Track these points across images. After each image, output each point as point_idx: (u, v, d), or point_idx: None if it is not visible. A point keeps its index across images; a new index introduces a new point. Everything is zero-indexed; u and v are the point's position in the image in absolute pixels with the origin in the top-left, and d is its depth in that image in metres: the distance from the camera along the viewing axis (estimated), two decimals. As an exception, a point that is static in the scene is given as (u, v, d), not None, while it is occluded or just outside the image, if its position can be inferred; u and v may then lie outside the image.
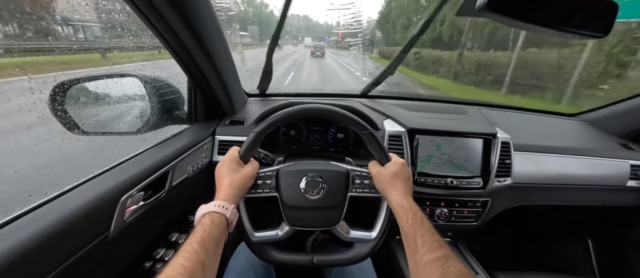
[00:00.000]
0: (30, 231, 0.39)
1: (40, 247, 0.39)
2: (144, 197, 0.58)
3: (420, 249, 0.46)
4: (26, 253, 0.37)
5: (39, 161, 0.73)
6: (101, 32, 2.13)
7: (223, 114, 0.96)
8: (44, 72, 0.87)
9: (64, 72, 0.77)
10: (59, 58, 1.32)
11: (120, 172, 0.58)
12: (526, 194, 0.97)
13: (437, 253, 0.44)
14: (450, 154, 0.88)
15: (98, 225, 0.48)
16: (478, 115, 1.01)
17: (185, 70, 0.73)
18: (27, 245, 0.38)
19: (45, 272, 0.39)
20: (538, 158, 0.96)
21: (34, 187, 0.53)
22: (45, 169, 0.70)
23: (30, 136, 0.74)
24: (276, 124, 0.61)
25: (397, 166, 0.59)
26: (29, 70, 0.89)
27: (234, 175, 0.56)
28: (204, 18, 0.59)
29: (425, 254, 0.45)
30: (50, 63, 1.20)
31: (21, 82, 0.72)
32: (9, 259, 0.35)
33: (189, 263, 0.39)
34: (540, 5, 0.50)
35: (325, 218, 0.63)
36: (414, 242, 0.47)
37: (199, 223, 0.47)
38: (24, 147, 0.78)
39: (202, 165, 0.83)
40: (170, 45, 0.61)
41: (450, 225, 0.92)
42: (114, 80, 0.77)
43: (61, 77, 0.66)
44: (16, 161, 0.74)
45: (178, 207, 0.74)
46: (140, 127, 0.78)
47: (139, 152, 0.67)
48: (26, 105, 0.64)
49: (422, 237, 0.47)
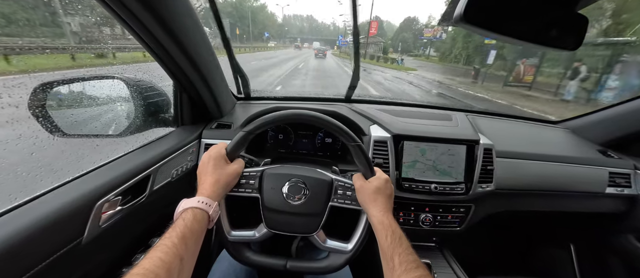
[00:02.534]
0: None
1: (5, 253, 0.38)
2: (121, 201, 0.57)
3: (397, 268, 0.46)
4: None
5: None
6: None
7: (210, 117, 0.95)
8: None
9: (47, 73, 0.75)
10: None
11: (97, 176, 0.56)
12: (508, 200, 0.99)
13: (413, 273, 0.45)
14: (434, 160, 0.89)
15: (70, 231, 0.47)
16: (463, 121, 1.03)
17: (170, 74, 0.72)
18: None
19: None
20: (520, 164, 0.98)
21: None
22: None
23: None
24: (266, 125, 0.61)
25: (380, 182, 0.60)
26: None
27: (219, 173, 0.56)
28: (185, 22, 0.59)
29: (401, 274, 0.45)
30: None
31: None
32: None
33: (168, 257, 0.38)
34: (514, 18, 0.51)
35: (304, 225, 0.63)
36: (392, 260, 0.48)
37: (180, 218, 0.46)
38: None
39: (186, 169, 0.82)
40: (151, 49, 0.60)
41: (435, 230, 0.93)
42: (95, 82, 0.76)
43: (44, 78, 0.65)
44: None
45: (159, 211, 0.73)
46: (123, 130, 0.77)
47: (118, 155, 0.66)
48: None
49: (399, 256, 0.48)
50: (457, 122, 1.01)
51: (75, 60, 2.02)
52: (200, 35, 0.66)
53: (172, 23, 0.55)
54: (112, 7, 0.47)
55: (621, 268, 1.09)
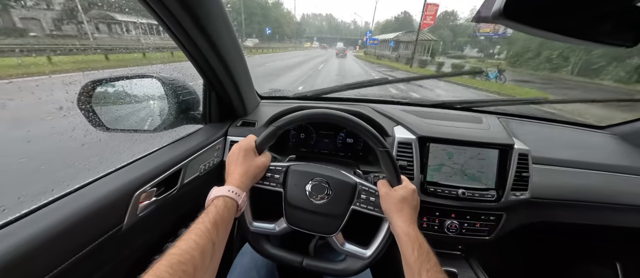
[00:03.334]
0: (49, 221, 0.42)
1: (57, 236, 0.42)
2: (156, 192, 0.61)
3: None
4: (45, 242, 0.41)
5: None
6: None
7: (235, 115, 0.98)
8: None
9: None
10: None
11: (136, 168, 0.61)
12: (546, 210, 0.91)
13: None
14: (462, 164, 0.85)
15: (112, 217, 0.51)
16: (495, 124, 0.97)
17: (200, 72, 0.76)
18: (46, 235, 0.41)
19: (61, 260, 0.43)
20: (560, 172, 0.90)
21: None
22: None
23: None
24: (296, 122, 0.62)
25: (407, 191, 0.58)
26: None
27: (248, 164, 0.58)
28: (217, 22, 0.61)
29: None
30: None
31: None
32: (26, 249, 0.39)
33: (202, 240, 0.40)
34: (562, 12, 0.47)
35: (324, 225, 0.63)
36: (419, 275, 0.46)
37: (212, 204, 0.48)
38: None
39: (213, 165, 0.86)
40: (185, 47, 0.64)
41: (461, 238, 0.88)
42: (134, 81, 0.82)
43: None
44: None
45: (188, 204, 0.77)
46: (157, 126, 0.82)
47: (154, 149, 0.71)
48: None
49: (427, 272, 0.46)
50: (489, 124, 0.96)
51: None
52: (231, 35, 0.69)
53: (207, 24, 0.57)
54: (153, 8, 0.51)
55: None
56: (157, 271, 0.34)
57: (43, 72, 0.92)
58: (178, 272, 0.35)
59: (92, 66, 1.43)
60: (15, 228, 0.41)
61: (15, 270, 0.37)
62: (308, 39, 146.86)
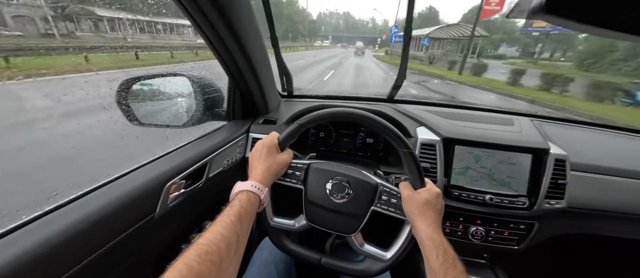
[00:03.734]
0: (93, 206, 0.46)
1: (100, 221, 0.46)
2: (185, 185, 0.65)
3: None
4: (91, 225, 0.44)
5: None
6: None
7: (257, 112, 1.01)
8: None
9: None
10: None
11: (167, 160, 0.65)
12: (584, 222, 0.84)
13: None
14: (491, 168, 0.80)
15: (147, 206, 0.55)
16: (529, 127, 0.91)
17: (227, 70, 0.79)
18: (91, 219, 0.45)
19: (103, 243, 0.46)
20: (602, 181, 0.82)
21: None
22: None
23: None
24: (318, 120, 0.62)
25: (431, 195, 0.56)
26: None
27: (271, 160, 0.59)
28: (245, 23, 0.63)
29: None
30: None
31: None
32: (75, 231, 0.42)
33: (227, 232, 0.42)
34: (615, 6, 0.42)
35: (343, 224, 0.62)
36: None
37: (236, 198, 0.50)
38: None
39: (235, 160, 0.89)
40: (214, 47, 0.66)
41: (487, 246, 0.84)
42: (167, 79, 0.87)
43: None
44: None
45: (212, 197, 0.80)
46: (185, 122, 0.87)
47: (183, 144, 0.75)
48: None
49: None
50: (521, 127, 0.90)
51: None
52: (257, 36, 0.71)
53: (237, 25, 0.60)
54: (188, 10, 0.53)
55: None
56: (187, 259, 0.35)
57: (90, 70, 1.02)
58: (205, 262, 0.36)
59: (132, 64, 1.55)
60: (64, 212, 0.45)
61: (64, 250, 0.41)
62: (323, 37, 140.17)
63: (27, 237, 0.39)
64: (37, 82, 1.41)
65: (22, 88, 1.43)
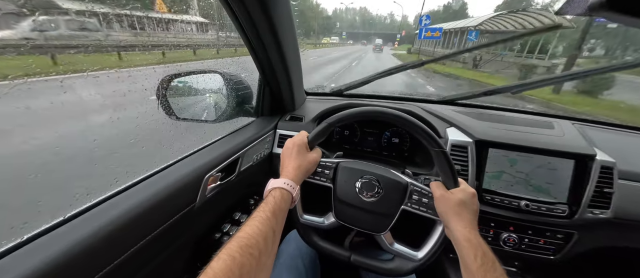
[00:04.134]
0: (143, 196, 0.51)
1: (149, 209, 0.50)
2: (220, 177, 0.68)
3: None
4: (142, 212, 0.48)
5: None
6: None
7: (285, 109, 1.03)
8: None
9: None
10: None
11: (205, 154, 0.68)
12: (632, 234, 0.78)
13: None
14: (528, 173, 0.76)
15: (189, 196, 0.59)
16: (571, 131, 0.85)
17: (259, 66, 0.81)
18: (141, 207, 0.49)
19: (150, 230, 0.50)
20: None
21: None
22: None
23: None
24: (347, 119, 0.63)
25: (466, 195, 0.55)
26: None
27: (301, 159, 0.61)
28: (285, 23, 0.65)
29: None
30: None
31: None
32: (127, 218, 0.46)
33: (264, 227, 0.44)
34: None
35: (373, 223, 0.63)
36: None
37: (270, 195, 0.52)
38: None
39: (264, 155, 0.92)
40: (251, 45, 0.69)
41: (519, 254, 0.80)
42: (203, 76, 0.91)
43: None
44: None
45: (242, 190, 0.83)
46: (217, 117, 0.91)
47: (218, 138, 0.79)
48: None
49: None
50: (562, 131, 0.84)
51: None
52: (293, 34, 0.73)
53: (277, 26, 0.61)
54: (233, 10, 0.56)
55: None
56: (230, 251, 0.38)
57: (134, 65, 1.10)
58: (246, 254, 0.38)
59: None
60: (122, 198, 0.50)
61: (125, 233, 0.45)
62: (336, 33, 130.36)
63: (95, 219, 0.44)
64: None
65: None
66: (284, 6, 0.61)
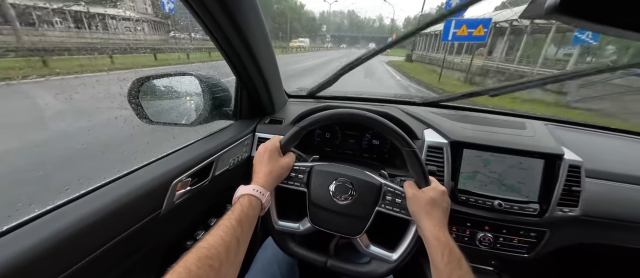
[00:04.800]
0: (100, 203, 0.48)
1: (106, 217, 0.47)
2: (191, 182, 0.66)
3: None
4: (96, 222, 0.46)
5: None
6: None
7: (264, 112, 1.02)
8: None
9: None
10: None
11: (174, 158, 0.66)
12: (600, 231, 0.80)
13: None
14: (500, 173, 0.78)
15: (153, 203, 0.56)
16: (541, 131, 0.88)
17: (234, 70, 0.80)
18: (96, 216, 0.46)
19: (108, 238, 0.48)
20: (622, 189, 0.79)
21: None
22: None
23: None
24: (320, 122, 0.62)
25: (436, 193, 0.55)
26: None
27: (273, 164, 0.60)
28: (252, 24, 0.64)
29: None
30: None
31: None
32: (78, 228, 0.44)
33: (227, 237, 0.42)
34: (629, 5, 0.40)
35: (348, 226, 0.62)
36: None
37: (237, 202, 0.51)
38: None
39: (241, 159, 0.90)
40: (221, 47, 0.67)
41: (494, 253, 0.81)
42: (176, 78, 0.88)
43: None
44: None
45: (217, 195, 0.81)
46: (193, 121, 0.88)
47: (190, 142, 0.76)
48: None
49: None
50: (534, 131, 0.87)
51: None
52: (264, 36, 0.72)
53: (243, 26, 0.60)
54: (196, 11, 0.54)
55: None
56: (187, 263, 0.36)
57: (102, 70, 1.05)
58: (205, 266, 0.37)
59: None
60: (75, 206, 0.47)
61: (75, 243, 0.42)
62: (320, 36, 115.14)
63: (40, 229, 0.41)
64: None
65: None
66: (250, 10, 0.60)
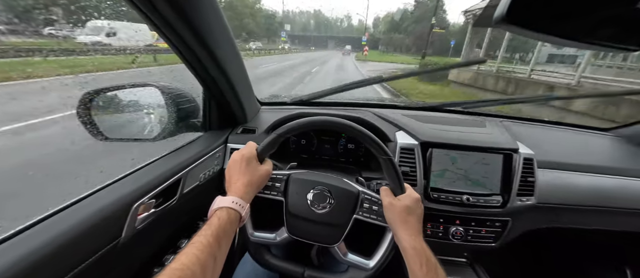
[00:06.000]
0: (45, 237, 0.42)
1: (53, 253, 0.41)
2: (155, 204, 0.60)
3: None
4: (40, 260, 0.39)
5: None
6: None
7: (236, 122, 0.98)
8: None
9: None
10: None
11: (133, 180, 0.60)
12: (554, 216, 0.89)
13: None
14: (466, 169, 0.83)
15: (110, 231, 0.50)
16: (499, 128, 0.96)
17: (200, 80, 0.76)
18: (42, 252, 0.40)
19: (60, 275, 0.41)
20: (567, 176, 0.88)
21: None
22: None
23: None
24: (297, 130, 0.61)
25: (411, 200, 0.57)
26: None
27: (252, 174, 0.56)
28: (216, 31, 0.61)
29: None
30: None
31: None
32: (24, 265, 0.38)
33: (203, 255, 0.39)
34: (566, 17, 0.46)
35: (325, 235, 0.62)
36: None
37: (215, 216, 0.47)
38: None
39: (213, 173, 0.85)
40: (182, 54, 0.63)
41: (466, 245, 0.86)
42: (135, 90, 0.81)
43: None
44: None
45: (188, 214, 0.76)
46: (157, 135, 0.82)
47: (153, 160, 0.70)
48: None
49: None
50: (492, 128, 0.94)
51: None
52: (230, 43, 0.69)
53: (206, 35, 0.57)
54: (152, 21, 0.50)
55: None
56: None
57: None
58: None
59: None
60: (13, 243, 0.40)
61: None
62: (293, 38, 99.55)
63: None
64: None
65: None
66: (211, 15, 0.57)
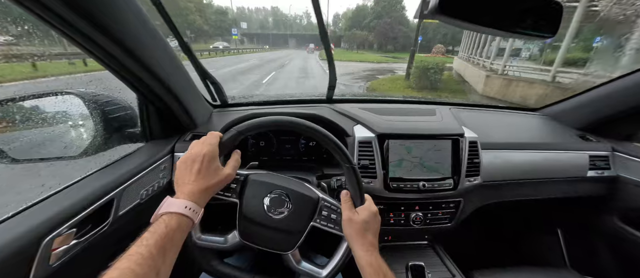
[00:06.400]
0: None
1: None
2: (77, 234, 0.51)
3: None
4: None
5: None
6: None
7: (183, 128, 0.89)
8: None
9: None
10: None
11: (44, 208, 0.49)
12: (496, 191, 0.99)
13: None
14: (421, 157, 0.87)
15: (11, 276, 0.41)
16: (447, 115, 1.02)
17: (129, 85, 0.66)
18: None
19: None
20: (505, 155, 0.98)
21: None
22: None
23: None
24: (259, 128, 0.56)
25: (369, 214, 0.56)
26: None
27: (211, 177, 0.49)
28: (137, 31, 0.52)
29: None
30: None
31: None
32: None
33: (142, 269, 0.33)
34: (491, 8, 0.50)
35: (280, 241, 0.59)
36: None
37: (161, 221, 0.40)
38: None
39: (159, 187, 0.76)
40: (102, 59, 0.53)
41: (426, 228, 0.91)
42: (47, 100, 0.68)
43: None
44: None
45: (127, 239, 0.66)
46: (82, 151, 0.70)
47: (74, 181, 0.59)
48: None
49: None
50: (441, 116, 1.00)
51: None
52: (157, 41, 0.60)
53: (124, 36, 0.48)
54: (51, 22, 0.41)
55: (607, 249, 1.11)
56: None
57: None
58: None
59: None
60: None
61: None
62: (253, 37, 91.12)
63: None
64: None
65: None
66: (126, 11, 0.49)
